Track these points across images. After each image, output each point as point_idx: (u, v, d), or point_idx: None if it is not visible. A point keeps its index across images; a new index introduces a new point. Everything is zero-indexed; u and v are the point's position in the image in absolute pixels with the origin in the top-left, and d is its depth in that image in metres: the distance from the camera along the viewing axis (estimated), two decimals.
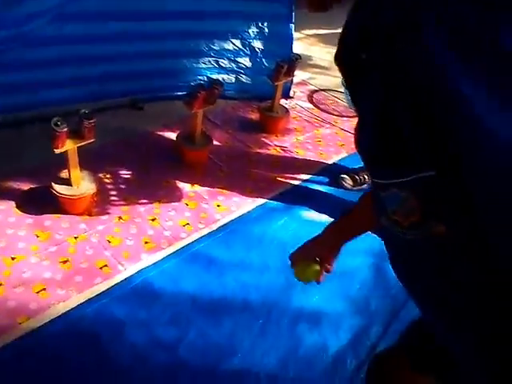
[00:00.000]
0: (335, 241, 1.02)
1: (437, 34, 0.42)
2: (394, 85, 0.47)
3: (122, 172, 2.22)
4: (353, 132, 0.62)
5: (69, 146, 1.72)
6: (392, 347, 1.09)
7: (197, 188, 2.19)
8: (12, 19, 1.99)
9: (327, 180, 2.38)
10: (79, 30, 2.37)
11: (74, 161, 1.78)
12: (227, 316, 1.61)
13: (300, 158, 2.54)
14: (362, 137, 0.61)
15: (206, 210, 2.07)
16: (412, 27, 0.44)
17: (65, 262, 1.70)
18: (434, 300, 0.63)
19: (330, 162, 2.54)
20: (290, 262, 1.08)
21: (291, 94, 3.08)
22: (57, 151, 1.70)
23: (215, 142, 2.39)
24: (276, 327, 1.61)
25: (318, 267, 1.02)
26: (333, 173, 2.41)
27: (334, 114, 3.02)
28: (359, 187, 2.33)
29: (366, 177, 2.31)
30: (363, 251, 1.98)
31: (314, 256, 1.03)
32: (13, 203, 1.91)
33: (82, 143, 1.76)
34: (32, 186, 2.02)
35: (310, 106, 3.09)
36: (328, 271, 1.04)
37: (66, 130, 1.64)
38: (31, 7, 2.01)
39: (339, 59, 0.55)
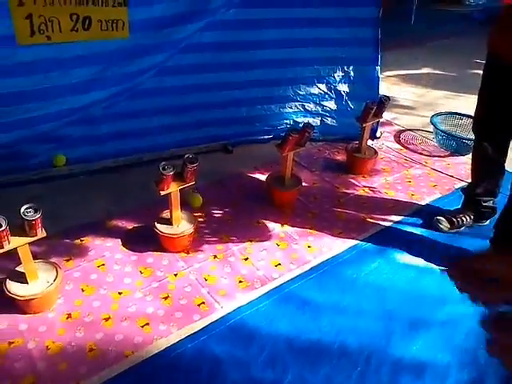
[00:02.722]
0: None
1: None
2: None
3: (215, 212, 2.31)
4: (445, 172, 0.82)
5: (173, 189, 1.85)
6: None
7: (287, 228, 2.22)
8: (124, 76, 2.23)
9: (421, 222, 2.29)
10: (177, 82, 2.59)
11: (176, 202, 1.90)
12: (324, 361, 1.57)
13: (390, 198, 2.48)
14: None
15: (296, 250, 2.08)
16: None
17: (166, 298, 1.78)
18: None
19: (423, 203, 2.45)
20: None
21: (378, 134, 3.06)
22: (162, 193, 1.83)
23: (303, 184, 2.42)
24: (375, 376, 1.54)
25: None
26: (426, 214, 2.32)
27: (424, 154, 2.94)
28: (456, 230, 2.21)
29: (464, 219, 2.19)
30: (465, 299, 1.85)
31: None
32: (119, 241, 2.06)
33: (185, 185, 1.87)
34: (135, 225, 2.17)
35: (398, 146, 3.04)
36: None
37: (172, 173, 1.76)
38: (141, 65, 2.25)
39: None
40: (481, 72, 2.00)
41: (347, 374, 1.53)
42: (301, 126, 2.34)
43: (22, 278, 1.65)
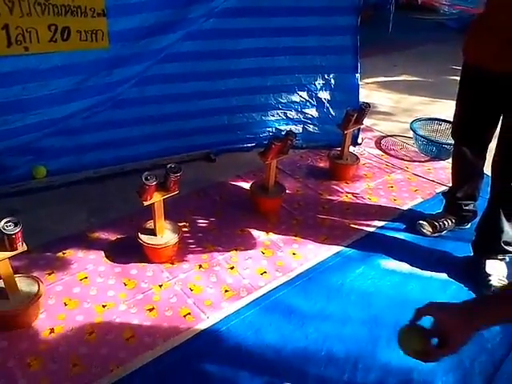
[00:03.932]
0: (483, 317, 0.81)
1: None
2: None
3: (198, 221, 2.30)
4: (426, 177, 0.67)
5: (156, 199, 1.83)
6: None
7: (271, 236, 2.22)
8: (105, 86, 2.22)
9: (404, 226, 2.32)
10: (157, 91, 2.58)
11: (159, 212, 1.89)
12: (312, 368, 1.57)
13: (373, 204, 2.51)
14: None
15: (281, 257, 2.08)
16: None
17: (151, 309, 1.76)
18: None
19: (405, 207, 2.48)
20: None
21: (359, 140, 3.09)
22: (145, 203, 1.81)
23: (287, 191, 2.43)
24: (363, 382, 1.54)
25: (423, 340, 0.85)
26: (409, 219, 2.35)
27: (404, 160, 2.99)
28: (439, 233, 2.24)
29: (445, 223, 2.23)
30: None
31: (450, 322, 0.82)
32: (102, 253, 2.03)
33: (168, 195, 1.86)
34: (118, 237, 2.14)
35: (379, 152, 3.08)
36: (451, 352, 0.82)
37: (155, 183, 1.75)
38: (121, 75, 2.23)
39: None
40: (457, 78, 2.05)
41: (335, 381, 1.53)
42: (283, 133, 2.36)
43: (2, 294, 1.61)
